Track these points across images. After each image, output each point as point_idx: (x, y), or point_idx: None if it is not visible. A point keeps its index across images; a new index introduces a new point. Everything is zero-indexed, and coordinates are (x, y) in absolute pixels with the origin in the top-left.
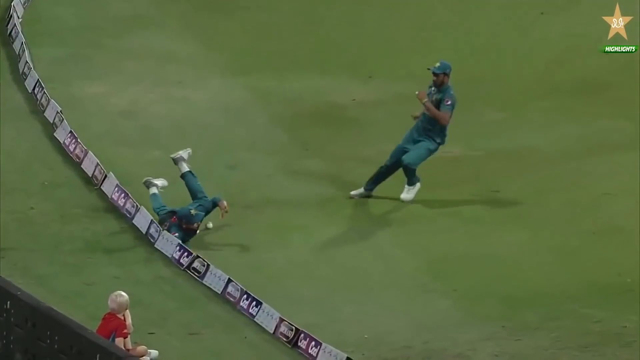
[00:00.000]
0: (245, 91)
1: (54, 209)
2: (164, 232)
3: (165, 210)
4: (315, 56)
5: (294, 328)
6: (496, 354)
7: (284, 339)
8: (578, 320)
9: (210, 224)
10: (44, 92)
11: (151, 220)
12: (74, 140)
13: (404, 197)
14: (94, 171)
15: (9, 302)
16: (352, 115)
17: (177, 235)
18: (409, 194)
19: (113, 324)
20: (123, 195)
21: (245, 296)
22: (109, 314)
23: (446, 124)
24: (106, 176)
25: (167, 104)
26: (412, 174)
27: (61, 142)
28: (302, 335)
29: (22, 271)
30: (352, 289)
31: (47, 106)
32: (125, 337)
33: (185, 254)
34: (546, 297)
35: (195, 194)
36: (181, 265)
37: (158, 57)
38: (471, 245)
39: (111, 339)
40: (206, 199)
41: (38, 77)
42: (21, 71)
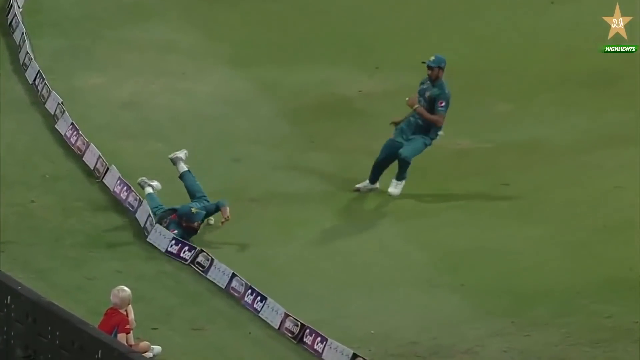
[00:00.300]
0: (248, 83)
1: (55, 202)
2: (157, 225)
3: (163, 208)
4: (320, 47)
5: (299, 323)
6: (505, 350)
7: (289, 334)
8: (589, 316)
9: (212, 220)
10: (45, 84)
11: (149, 214)
12: (75, 133)
13: (392, 191)
14: (95, 164)
15: (9, 297)
16: (358, 107)
17: (175, 232)
18: (397, 188)
19: (115, 319)
20: (125, 188)
21: (249, 291)
22: (111, 309)
23: (441, 125)
24: (108, 169)
25: (169, 96)
26: (407, 168)
27: (62, 134)
28: (307, 330)
29: (23, 265)
30: (359, 284)
31: (48, 98)
32: (128, 333)
33: (186, 247)
34: (556, 292)
35: (194, 194)
36: (184, 260)
37: (160, 48)
38: (479, 239)
39: (113, 335)
40: (207, 199)
41: (39, 68)
42: (22, 62)
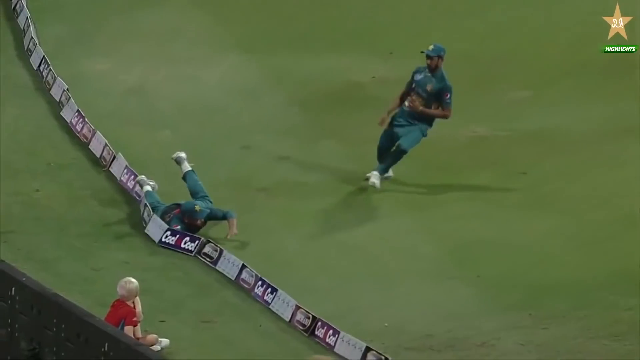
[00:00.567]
0: (258, 70)
1: (60, 191)
2: (154, 215)
3: (163, 204)
4: (332, 32)
5: (311, 316)
6: (522, 343)
7: (301, 327)
8: (607, 309)
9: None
10: (50, 70)
11: (145, 204)
12: (81, 120)
13: (374, 182)
14: (102, 152)
15: (13, 288)
16: (372, 94)
17: (178, 228)
18: (379, 180)
19: (122, 311)
20: (132, 177)
21: (260, 283)
22: (118, 301)
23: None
24: (115, 157)
25: (176, 83)
26: (400, 159)
27: (68, 121)
28: (319, 323)
29: (27, 256)
30: (372, 276)
31: (53, 84)
32: (135, 325)
33: (187, 238)
34: (574, 284)
35: (196, 194)
36: (188, 252)
37: (166, 33)
38: (495, 230)
39: (120, 327)
40: (210, 200)
41: (44, 54)
42: (26, 47)
